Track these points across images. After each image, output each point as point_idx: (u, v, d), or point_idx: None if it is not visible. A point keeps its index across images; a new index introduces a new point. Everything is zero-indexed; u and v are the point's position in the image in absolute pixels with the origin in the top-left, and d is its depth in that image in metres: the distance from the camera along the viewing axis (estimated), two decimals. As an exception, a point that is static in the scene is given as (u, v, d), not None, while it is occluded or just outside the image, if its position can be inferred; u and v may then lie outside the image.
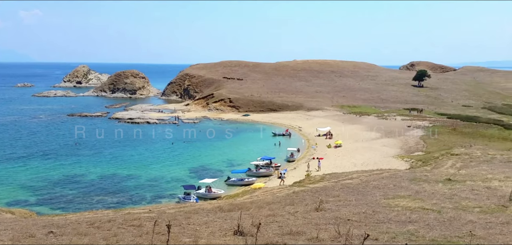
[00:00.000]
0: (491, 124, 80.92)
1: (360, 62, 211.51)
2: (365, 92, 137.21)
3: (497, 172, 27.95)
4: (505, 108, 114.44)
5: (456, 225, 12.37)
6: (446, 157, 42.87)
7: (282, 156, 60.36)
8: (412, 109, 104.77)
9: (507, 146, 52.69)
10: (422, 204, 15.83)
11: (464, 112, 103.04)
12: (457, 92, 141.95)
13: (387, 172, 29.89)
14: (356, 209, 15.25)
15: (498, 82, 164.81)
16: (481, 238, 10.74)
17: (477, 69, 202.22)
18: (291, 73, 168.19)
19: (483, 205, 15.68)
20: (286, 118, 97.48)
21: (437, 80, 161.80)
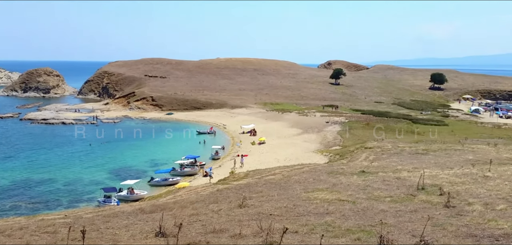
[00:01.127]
0: (401, 119, 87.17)
1: (281, 60, 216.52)
2: (286, 90, 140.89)
3: (406, 163, 30.22)
4: (413, 104, 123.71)
5: (369, 215, 13.21)
6: (361, 150, 45.45)
7: (207, 154, 60.14)
8: (328, 106, 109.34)
9: (415, 139, 57.05)
10: (339, 195, 16.68)
11: (376, 108, 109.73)
12: (370, 89, 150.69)
13: (307, 167, 31.05)
14: (278, 203, 15.69)
15: (407, 79, 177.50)
16: (391, 226, 11.57)
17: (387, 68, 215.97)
18: (214, 71, 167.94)
19: (394, 194, 16.85)
20: (211, 116, 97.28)
21: (352, 78, 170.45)
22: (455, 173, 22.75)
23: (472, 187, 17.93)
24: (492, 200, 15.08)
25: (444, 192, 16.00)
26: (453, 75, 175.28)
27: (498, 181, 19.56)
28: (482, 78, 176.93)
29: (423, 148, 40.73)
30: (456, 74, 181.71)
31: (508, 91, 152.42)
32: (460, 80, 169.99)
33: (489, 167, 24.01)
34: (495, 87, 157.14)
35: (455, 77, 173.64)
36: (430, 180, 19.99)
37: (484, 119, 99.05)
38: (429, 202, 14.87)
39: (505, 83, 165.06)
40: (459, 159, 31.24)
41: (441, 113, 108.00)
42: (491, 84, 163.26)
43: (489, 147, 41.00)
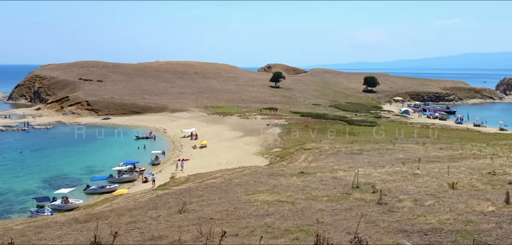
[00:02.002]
0: (337, 120, 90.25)
1: (222, 64, 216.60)
2: (227, 93, 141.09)
3: (342, 163, 31.33)
4: (348, 106, 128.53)
5: (307, 214, 13.56)
6: (300, 151, 46.53)
7: (147, 159, 58.70)
8: (267, 108, 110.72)
9: (350, 139, 59.22)
10: (279, 197, 16.97)
11: (314, 110, 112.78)
12: (308, 92, 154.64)
13: (248, 169, 31.30)
14: (218, 207, 15.67)
15: (342, 82, 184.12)
16: (328, 225, 11.95)
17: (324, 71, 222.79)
18: (154, 74, 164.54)
19: (330, 194, 17.41)
20: (150, 120, 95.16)
21: (291, 81, 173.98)
22: (387, 171, 23.94)
23: (402, 185, 18.94)
24: (421, 196, 16.01)
25: (376, 190, 16.77)
26: (384, 78, 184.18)
27: (426, 178, 20.83)
28: (410, 81, 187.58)
29: (358, 148, 42.43)
30: (387, 77, 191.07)
31: (434, 93, 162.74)
32: (391, 83, 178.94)
33: (418, 165, 25.52)
34: (422, 89, 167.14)
35: (386, 80, 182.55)
36: (364, 178, 20.88)
37: (413, 119, 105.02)
38: (363, 200, 15.52)
39: (432, 85, 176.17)
40: (391, 158, 32.89)
41: (374, 114, 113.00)
42: (419, 86, 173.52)
43: (418, 146, 43.54)
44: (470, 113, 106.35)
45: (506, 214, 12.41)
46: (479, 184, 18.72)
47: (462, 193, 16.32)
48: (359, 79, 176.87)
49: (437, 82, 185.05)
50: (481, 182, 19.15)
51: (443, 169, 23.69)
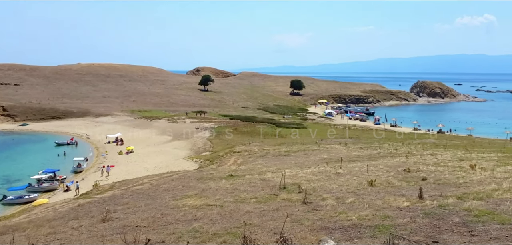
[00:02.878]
0: (266, 123, 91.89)
1: (148, 66, 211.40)
2: (155, 97, 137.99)
3: (270, 165, 31.95)
4: (276, 108, 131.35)
5: (236, 217, 13.69)
6: (230, 154, 46.79)
7: (69, 167, 55.64)
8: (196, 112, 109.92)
9: (278, 141, 60.61)
10: (207, 200, 16.94)
11: (243, 113, 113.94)
12: (237, 95, 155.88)
13: (177, 174, 30.88)
14: (145, 214, 15.30)
15: (270, 86, 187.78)
16: (255, 226, 12.15)
17: (252, 75, 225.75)
18: (75, 78, 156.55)
19: (259, 195, 17.68)
20: (72, 125, 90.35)
21: (220, 85, 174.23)
22: (312, 171, 24.81)
23: (326, 184, 19.75)
24: (343, 194, 16.80)
25: (302, 190, 17.31)
26: (309, 81, 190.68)
27: (348, 176, 21.89)
28: (334, 84, 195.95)
29: (285, 150, 43.51)
30: (312, 81, 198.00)
31: (355, 96, 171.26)
32: (316, 86, 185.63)
33: (340, 165, 26.73)
34: (345, 92, 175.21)
35: (311, 83, 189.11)
36: (291, 179, 21.48)
37: (336, 121, 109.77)
38: (290, 200, 15.96)
39: (353, 88, 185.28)
40: (316, 158, 34.13)
41: (300, 116, 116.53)
42: (342, 89, 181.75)
43: (341, 146, 45.60)
44: (387, 114, 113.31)
45: (419, 209, 13.39)
46: (395, 181, 20.02)
47: (380, 190, 17.36)
48: (286, 83, 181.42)
49: (358, 86, 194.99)
50: (397, 179, 20.50)
51: (363, 167, 25.05)
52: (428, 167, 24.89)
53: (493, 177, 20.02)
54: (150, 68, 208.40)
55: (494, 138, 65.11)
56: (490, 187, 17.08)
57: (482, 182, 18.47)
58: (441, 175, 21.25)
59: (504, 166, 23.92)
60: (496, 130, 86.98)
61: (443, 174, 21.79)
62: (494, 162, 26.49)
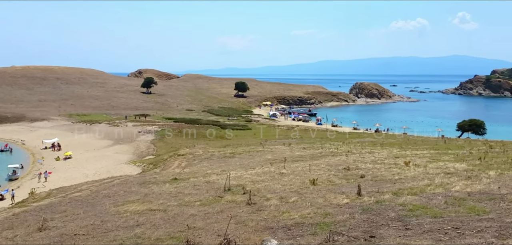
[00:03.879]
0: (211, 125, 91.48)
1: (87, 69, 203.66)
2: (95, 100, 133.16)
3: (215, 167, 31.86)
4: (221, 111, 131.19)
5: (179, 221, 13.54)
6: (174, 158, 46.10)
7: (3, 174, 52.30)
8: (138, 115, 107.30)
9: (223, 143, 60.57)
10: (150, 205, 16.61)
11: (188, 116, 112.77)
12: (181, 98, 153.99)
13: (118, 179, 29.96)
14: (84, 222, 14.74)
15: (214, 88, 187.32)
16: (199, 229, 12.08)
17: (197, 77, 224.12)
18: (9, 81, 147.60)
19: (203, 198, 17.59)
20: (5, 131, 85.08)
21: (163, 87, 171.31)
22: (257, 172, 25.06)
23: (270, 184, 20.03)
24: (286, 194, 17.12)
25: (247, 191, 17.46)
26: (253, 83, 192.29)
27: (291, 176, 22.33)
28: (277, 86, 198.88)
29: (230, 151, 43.57)
30: (256, 83, 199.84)
31: (298, 97, 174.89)
32: (260, 88, 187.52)
33: (284, 165, 27.21)
34: (288, 94, 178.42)
35: (255, 85, 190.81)
36: (236, 181, 21.57)
37: (280, 122, 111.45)
38: (234, 202, 16.04)
39: (296, 90, 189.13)
40: (260, 159, 34.47)
41: (245, 118, 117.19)
42: (285, 91, 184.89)
43: (285, 147, 46.36)
44: (328, 115, 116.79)
45: (358, 205, 13.94)
46: (336, 179, 20.70)
47: (322, 188, 17.88)
48: (231, 85, 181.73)
49: (300, 87, 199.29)
50: (338, 177, 21.21)
51: (306, 167, 25.66)
52: (366, 165, 25.94)
53: (426, 173, 21.23)
54: (89, 70, 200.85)
55: (427, 136, 68.96)
56: (423, 182, 18.11)
57: (416, 178, 19.54)
58: (378, 172, 22.24)
59: (436, 162, 25.42)
60: (429, 129, 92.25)
61: (380, 171, 22.81)
62: (427, 158, 28.07)
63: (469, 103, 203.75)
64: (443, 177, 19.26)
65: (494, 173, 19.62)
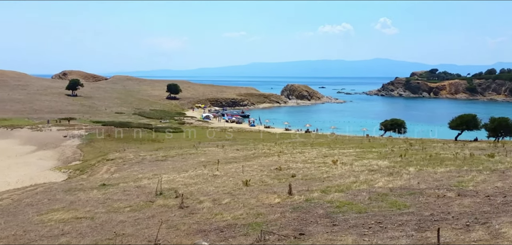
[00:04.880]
0: (142, 128, 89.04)
1: (8, 70, 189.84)
2: (16, 103, 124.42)
3: (147, 171, 31.14)
4: (152, 113, 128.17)
5: (108, 228, 13.08)
6: (102, 163, 44.34)
7: None
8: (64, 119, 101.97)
9: (155, 147, 59.25)
10: (76, 213, 15.88)
11: (117, 119, 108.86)
12: (110, 100, 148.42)
13: (41, 187, 28.24)
14: (5, 232, 13.77)
15: (145, 90, 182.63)
16: (129, 235, 11.77)
17: (126, 78, 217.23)
18: None
19: (133, 203, 17.13)
20: None
21: (90, 89, 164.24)
22: (190, 175, 24.86)
23: (203, 186, 19.96)
24: (219, 195, 17.16)
25: (179, 194, 17.26)
26: (186, 85, 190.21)
27: (225, 178, 22.42)
28: (210, 88, 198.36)
29: (162, 155, 42.77)
30: (189, 85, 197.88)
31: (231, 99, 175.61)
32: (193, 90, 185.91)
33: (217, 167, 27.23)
34: (221, 96, 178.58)
35: (188, 87, 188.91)
36: (168, 184, 21.24)
37: (214, 124, 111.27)
38: (166, 206, 15.79)
39: (228, 92, 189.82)
40: (194, 162, 34.23)
41: (178, 120, 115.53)
42: (218, 93, 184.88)
43: (218, 149, 46.38)
44: (261, 116, 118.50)
45: (289, 204, 14.33)
46: (268, 179, 21.10)
47: (254, 189, 18.15)
48: (162, 86, 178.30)
49: (233, 89, 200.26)
50: (270, 177, 21.63)
51: (239, 168, 25.88)
52: (297, 164, 26.71)
53: (352, 170, 22.30)
54: (9, 72, 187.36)
55: (353, 136, 72.30)
56: (349, 180, 19.01)
57: (343, 176, 20.46)
58: (308, 171, 22.99)
59: (361, 160, 26.77)
60: (355, 128, 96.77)
61: (310, 170, 23.60)
62: (353, 157, 29.48)
63: (391, 104, 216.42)
64: (368, 174, 20.35)
65: (414, 169, 21.06)
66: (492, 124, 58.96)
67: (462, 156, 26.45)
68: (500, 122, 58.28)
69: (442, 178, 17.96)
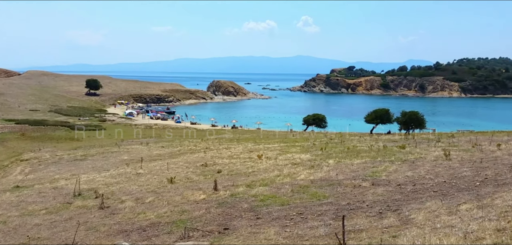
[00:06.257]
0: (59, 126, 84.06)
1: None
2: None
3: (64, 171, 29.54)
4: (70, 110, 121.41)
5: (21, 232, 12.30)
6: (16, 163, 41.26)
7: None
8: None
9: (74, 145, 56.21)
10: (-15, 219, 14.73)
11: (32, 117, 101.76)
12: (24, 97, 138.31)
13: None
14: None
15: (62, 85, 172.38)
16: (45, 239, 11.17)
17: (41, 74, 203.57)
18: None
19: (50, 206, 16.23)
20: None
21: (2, 85, 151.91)
22: (111, 174, 24.01)
23: (125, 186, 19.40)
24: (143, 194, 16.79)
25: (99, 195, 16.63)
26: (107, 81, 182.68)
27: (149, 176, 21.94)
28: (133, 84, 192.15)
29: (81, 154, 40.77)
30: (110, 80, 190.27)
31: (156, 95, 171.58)
32: (114, 85, 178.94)
33: (141, 165, 26.56)
34: (145, 92, 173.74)
35: (109, 83, 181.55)
36: (87, 185, 20.36)
37: (137, 121, 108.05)
38: (85, 207, 15.16)
39: (153, 88, 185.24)
40: (116, 160, 33.02)
41: (99, 118, 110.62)
42: (142, 89, 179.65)
43: (142, 146, 45.20)
44: (187, 112, 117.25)
45: (214, 200, 14.41)
46: (194, 176, 21.00)
47: (179, 186, 17.99)
48: (81, 82, 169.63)
49: (158, 85, 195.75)
50: (196, 174, 21.55)
51: (164, 166, 25.47)
52: (223, 160, 26.85)
53: (276, 164, 22.90)
54: None
55: (278, 131, 73.98)
56: (273, 173, 19.52)
57: (267, 170, 20.96)
58: (234, 167, 23.24)
59: (285, 155, 27.55)
60: (279, 124, 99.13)
61: (235, 165, 23.86)
62: (277, 151, 30.25)
63: (312, 99, 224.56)
64: (291, 168, 21.03)
65: (333, 162, 22.12)
66: (403, 117, 63.25)
67: (376, 148, 28.21)
68: (410, 115, 62.73)
69: (358, 169, 19.07)
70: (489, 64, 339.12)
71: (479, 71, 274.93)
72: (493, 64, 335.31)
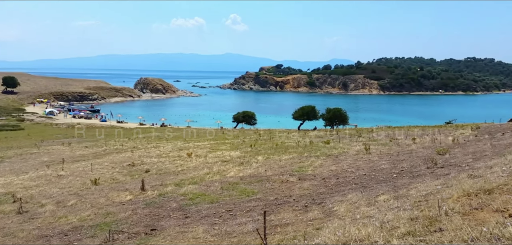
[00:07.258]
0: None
1: None
2: None
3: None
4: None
5: None
6: None
7: None
8: None
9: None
10: None
11: None
12: None
13: None
14: None
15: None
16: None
17: None
18: None
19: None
20: None
21: None
22: (30, 177, 22.58)
23: (46, 188, 18.34)
24: (64, 197, 15.98)
25: (17, 199, 15.61)
26: (25, 78, 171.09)
27: (71, 178, 20.90)
28: (54, 81, 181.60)
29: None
30: (29, 77, 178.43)
31: (78, 93, 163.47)
32: (33, 83, 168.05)
33: (62, 166, 25.21)
34: (67, 89, 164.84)
35: (28, 80, 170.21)
36: (4, 188, 19.02)
37: (59, 120, 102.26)
38: (2, 212, 14.14)
39: (76, 85, 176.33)
40: (35, 162, 31.07)
41: (16, 117, 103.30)
42: (63, 86, 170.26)
43: (64, 147, 42.89)
44: (113, 111, 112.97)
45: (141, 200, 14.08)
46: (120, 176, 20.35)
47: (104, 188, 17.34)
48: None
49: (81, 82, 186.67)
50: (122, 174, 20.89)
51: (88, 166, 24.40)
52: (151, 159, 26.29)
53: (206, 162, 22.86)
54: None
55: (208, 128, 73.71)
56: (203, 171, 19.47)
57: (197, 168, 20.86)
58: (163, 166, 22.85)
59: (215, 152, 27.57)
60: (210, 121, 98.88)
61: (164, 164, 23.48)
62: (207, 149, 30.19)
63: (242, 97, 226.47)
64: (221, 165, 21.12)
65: (262, 158, 22.53)
66: (328, 114, 65.96)
67: (303, 144, 29.15)
68: (334, 112, 65.57)
69: (286, 164, 19.60)
70: (405, 63, 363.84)
71: (396, 69, 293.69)
72: (409, 63, 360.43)
